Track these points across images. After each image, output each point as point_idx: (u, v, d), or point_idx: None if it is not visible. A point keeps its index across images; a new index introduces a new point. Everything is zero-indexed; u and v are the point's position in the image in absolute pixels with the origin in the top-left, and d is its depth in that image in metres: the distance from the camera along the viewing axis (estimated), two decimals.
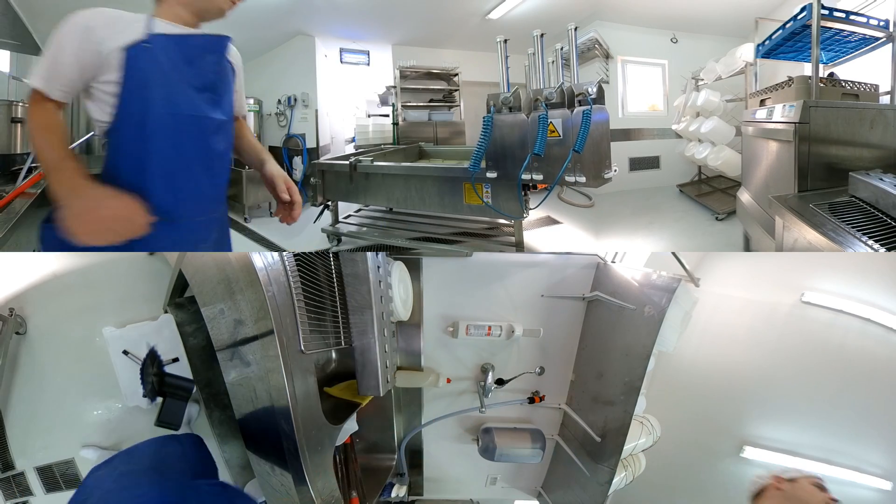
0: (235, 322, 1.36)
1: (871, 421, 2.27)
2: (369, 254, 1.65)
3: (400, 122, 5.33)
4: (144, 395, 1.71)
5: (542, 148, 2.55)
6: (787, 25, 2.78)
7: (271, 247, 4.08)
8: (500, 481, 2.53)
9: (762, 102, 3.07)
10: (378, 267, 1.71)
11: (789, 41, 2.91)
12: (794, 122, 2.32)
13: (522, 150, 2.65)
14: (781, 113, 2.51)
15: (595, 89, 2.48)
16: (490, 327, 2.25)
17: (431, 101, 5.36)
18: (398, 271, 1.99)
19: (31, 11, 3.96)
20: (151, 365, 1.69)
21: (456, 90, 5.37)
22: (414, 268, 2.21)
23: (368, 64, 5.37)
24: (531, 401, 2.31)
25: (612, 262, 2.23)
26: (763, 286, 2.45)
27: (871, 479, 2.29)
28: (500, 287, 2.27)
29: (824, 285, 2.37)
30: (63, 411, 2.00)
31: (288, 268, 1.44)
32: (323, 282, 1.63)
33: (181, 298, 1.83)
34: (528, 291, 2.28)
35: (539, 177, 2.61)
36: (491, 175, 2.73)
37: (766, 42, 3.14)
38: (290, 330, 1.38)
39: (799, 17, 2.61)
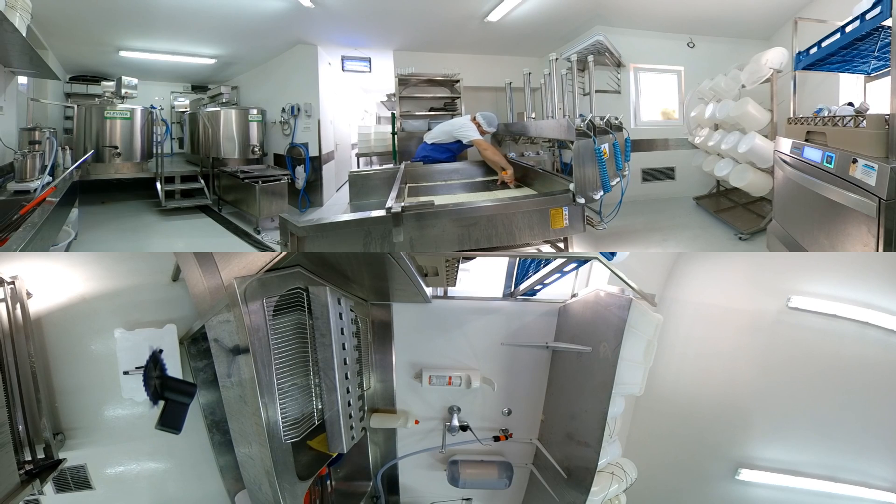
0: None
1: (876, 432, 2.28)
2: (330, 299, 1.74)
3: (398, 132, 5.58)
4: (147, 399, 1.89)
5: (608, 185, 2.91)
6: (848, 29, 2.28)
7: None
8: (474, 501, 2.79)
9: (809, 136, 2.58)
10: (340, 314, 1.80)
11: (847, 49, 2.46)
12: (878, 198, 1.80)
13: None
14: (853, 170, 1.97)
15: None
16: (451, 378, 2.61)
17: (431, 109, 5.61)
18: None
19: (48, 41, 4.42)
20: (154, 368, 1.88)
21: (457, 97, 5.59)
22: (386, 314, 2.56)
23: (370, 70, 5.67)
24: (496, 439, 2.57)
25: (574, 296, 2.41)
26: (745, 291, 2.43)
27: (879, 494, 2.32)
28: (461, 334, 2.57)
29: (813, 287, 2.30)
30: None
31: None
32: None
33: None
34: (487, 339, 2.57)
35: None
36: (580, 200, 2.88)
37: (815, 49, 2.76)
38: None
39: (869, 15, 2.10)
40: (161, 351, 1.86)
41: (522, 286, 2.69)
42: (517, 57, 5.58)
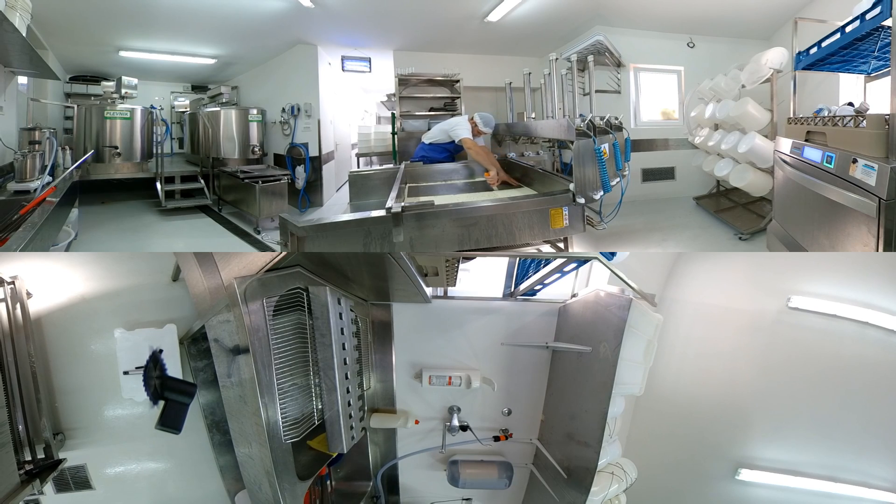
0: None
1: (876, 432, 2.29)
2: (330, 299, 1.76)
3: (398, 132, 5.59)
4: (148, 399, 1.89)
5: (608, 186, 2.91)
6: (848, 29, 2.29)
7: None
8: (475, 501, 2.78)
9: (809, 136, 2.58)
10: (340, 314, 1.81)
11: (847, 49, 2.48)
12: (878, 197, 1.81)
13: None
14: (853, 170, 1.98)
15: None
16: (451, 378, 2.61)
17: (431, 109, 5.61)
18: None
19: (48, 41, 4.40)
20: (154, 368, 1.88)
21: (457, 97, 5.59)
22: (386, 314, 2.57)
23: (370, 70, 5.68)
24: (496, 439, 2.57)
25: (574, 296, 2.42)
26: (745, 291, 2.44)
27: (879, 494, 2.33)
28: (461, 334, 2.57)
29: (813, 288, 2.31)
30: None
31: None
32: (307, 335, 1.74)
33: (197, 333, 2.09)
34: (487, 339, 2.57)
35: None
36: (580, 200, 2.90)
37: (815, 49, 2.78)
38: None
39: (869, 15, 2.10)
40: (161, 351, 1.86)
41: (522, 286, 2.69)
42: (517, 57, 5.59)
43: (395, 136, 5.71)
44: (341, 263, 2.08)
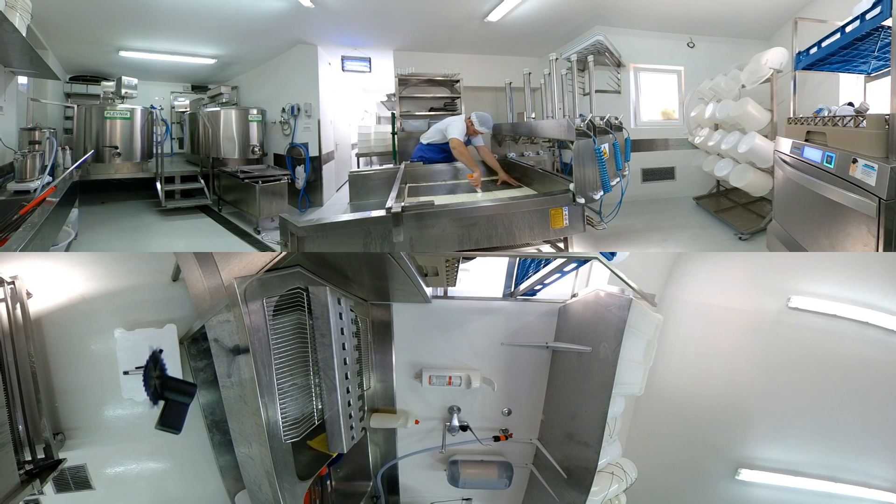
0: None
1: (876, 432, 2.29)
2: (330, 299, 1.76)
3: (398, 132, 5.60)
4: (148, 399, 1.90)
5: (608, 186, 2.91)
6: (848, 29, 2.31)
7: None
8: (475, 501, 2.78)
9: (809, 136, 2.59)
10: (340, 314, 1.82)
11: (847, 49, 2.50)
12: (878, 197, 1.81)
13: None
14: (853, 170, 1.99)
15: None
16: (451, 378, 2.62)
17: (431, 109, 5.62)
18: None
19: (48, 41, 4.40)
20: (154, 368, 1.88)
21: (458, 97, 5.59)
22: (386, 314, 2.57)
23: (370, 70, 5.68)
24: (496, 439, 2.58)
25: (574, 296, 2.42)
26: (745, 291, 2.44)
27: (879, 494, 2.34)
28: (461, 334, 2.57)
29: (813, 288, 2.31)
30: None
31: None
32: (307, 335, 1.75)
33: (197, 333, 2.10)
34: (487, 339, 2.57)
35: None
36: (580, 200, 2.90)
37: (815, 49, 2.80)
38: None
39: (869, 15, 2.12)
40: (161, 351, 1.86)
41: (522, 286, 2.70)
42: (517, 57, 5.59)
43: (395, 136, 5.72)
44: (341, 263, 2.08)
